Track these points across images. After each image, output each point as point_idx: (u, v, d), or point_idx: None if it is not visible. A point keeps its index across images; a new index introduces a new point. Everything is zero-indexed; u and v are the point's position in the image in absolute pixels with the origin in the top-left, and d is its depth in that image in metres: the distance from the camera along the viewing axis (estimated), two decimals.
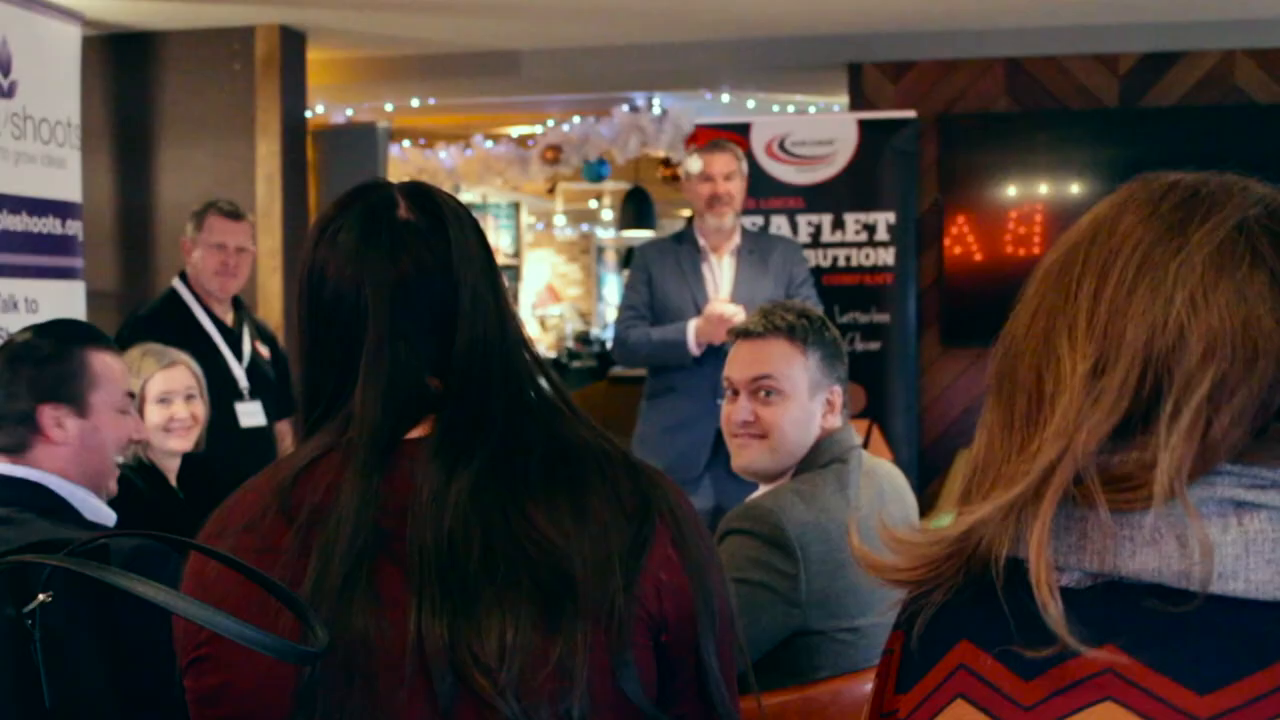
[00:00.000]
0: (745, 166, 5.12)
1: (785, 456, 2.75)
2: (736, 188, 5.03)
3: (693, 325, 4.87)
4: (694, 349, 4.87)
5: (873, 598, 2.56)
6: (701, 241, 5.08)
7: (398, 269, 1.48)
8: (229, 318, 4.90)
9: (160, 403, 3.66)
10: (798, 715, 2.43)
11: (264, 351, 5.00)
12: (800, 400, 2.74)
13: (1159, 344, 1.05)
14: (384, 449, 1.44)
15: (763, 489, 2.81)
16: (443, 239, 1.50)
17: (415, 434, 1.47)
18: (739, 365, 2.81)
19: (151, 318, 4.77)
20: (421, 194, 1.54)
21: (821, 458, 2.74)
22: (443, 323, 1.48)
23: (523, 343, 1.54)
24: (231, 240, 4.82)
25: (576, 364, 14.83)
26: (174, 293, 4.86)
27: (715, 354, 4.81)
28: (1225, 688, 0.99)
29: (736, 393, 2.80)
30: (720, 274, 5.06)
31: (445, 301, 1.48)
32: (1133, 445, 1.06)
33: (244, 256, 4.87)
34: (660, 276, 5.04)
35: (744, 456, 2.79)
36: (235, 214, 4.88)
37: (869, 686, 1.22)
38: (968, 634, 1.11)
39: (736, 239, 5.09)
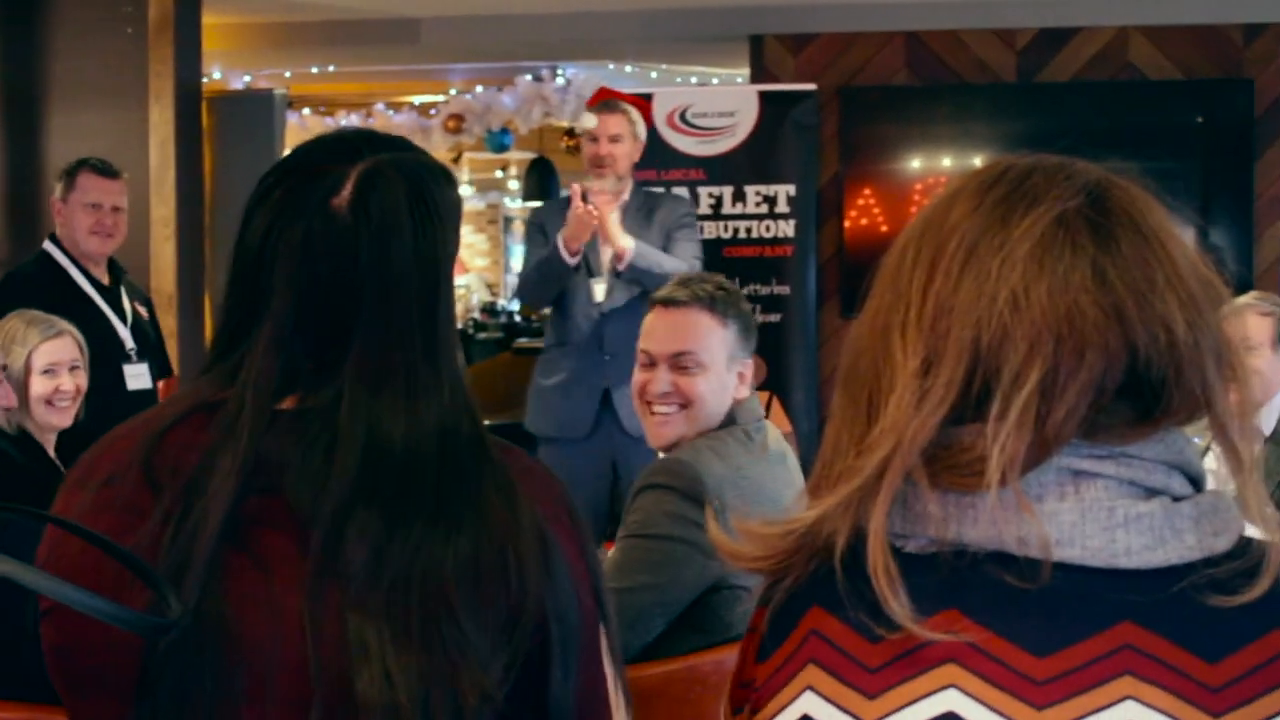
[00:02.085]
0: (640, 129, 5.07)
1: (702, 426, 2.75)
2: (621, 150, 4.98)
3: (561, 235, 4.85)
4: (568, 258, 4.84)
5: None
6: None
7: (310, 266, 1.37)
8: (105, 278, 4.73)
9: (45, 374, 3.58)
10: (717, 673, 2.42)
11: (143, 312, 4.87)
12: (718, 371, 2.74)
13: (985, 341, 1.07)
14: (268, 417, 1.35)
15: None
16: (366, 244, 1.37)
17: (286, 404, 1.37)
18: (659, 338, 2.78)
19: (27, 280, 4.59)
20: (378, 187, 1.38)
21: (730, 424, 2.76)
22: (339, 325, 1.37)
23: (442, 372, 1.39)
24: (107, 199, 4.65)
25: (483, 335, 14.75)
26: (46, 254, 4.68)
27: (611, 315, 4.88)
28: (1062, 650, 1.02)
29: (653, 363, 2.77)
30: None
31: (347, 312, 1.37)
32: (966, 430, 1.08)
33: (120, 216, 4.70)
34: (554, 232, 5.02)
35: (664, 434, 2.76)
36: (109, 171, 4.71)
37: None
38: (818, 599, 1.13)
39: (626, 196, 5.05)
